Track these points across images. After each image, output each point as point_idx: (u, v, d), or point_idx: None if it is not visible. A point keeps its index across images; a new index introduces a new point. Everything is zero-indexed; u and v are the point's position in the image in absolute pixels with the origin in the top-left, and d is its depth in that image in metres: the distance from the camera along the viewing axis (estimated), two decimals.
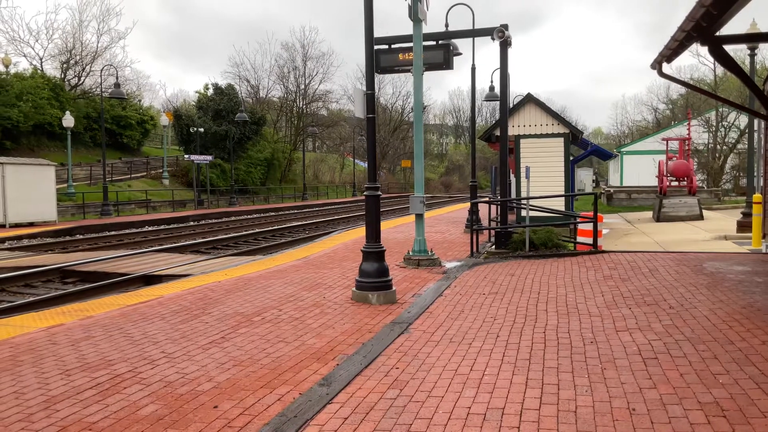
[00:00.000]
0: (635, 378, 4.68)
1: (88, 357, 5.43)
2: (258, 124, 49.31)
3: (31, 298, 9.86)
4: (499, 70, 13.09)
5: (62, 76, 45.80)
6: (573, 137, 16.84)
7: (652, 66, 10.66)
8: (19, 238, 19.68)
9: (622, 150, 50.75)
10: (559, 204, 15.74)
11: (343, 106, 74.42)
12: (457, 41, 12.29)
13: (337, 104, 72.65)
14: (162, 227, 25.00)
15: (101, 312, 7.30)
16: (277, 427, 3.92)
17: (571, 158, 18.07)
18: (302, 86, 62.19)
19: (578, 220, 13.69)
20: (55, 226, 23.05)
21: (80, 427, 3.93)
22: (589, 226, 12.39)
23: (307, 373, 4.98)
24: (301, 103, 62.50)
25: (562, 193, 15.74)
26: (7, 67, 42.68)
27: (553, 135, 16.17)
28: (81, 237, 20.87)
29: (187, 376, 4.90)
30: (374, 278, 7.81)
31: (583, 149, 21.61)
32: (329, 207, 41.00)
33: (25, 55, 50.37)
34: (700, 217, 22.66)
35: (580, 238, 13.09)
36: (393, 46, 11.70)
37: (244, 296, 8.17)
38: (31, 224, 23.04)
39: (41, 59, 46.17)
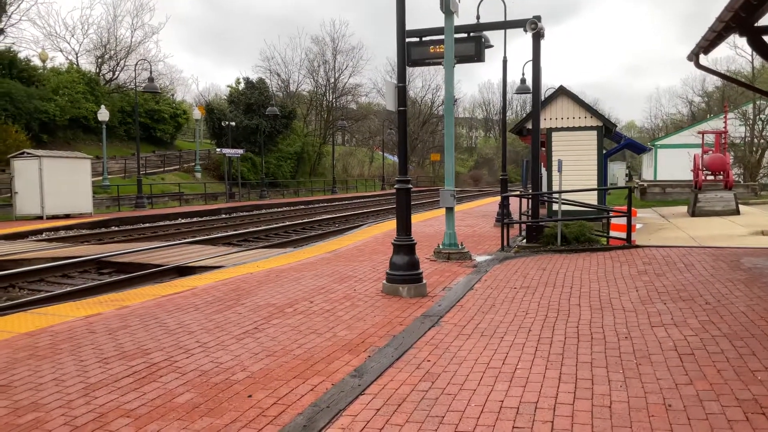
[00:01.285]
0: (671, 374, 4.61)
1: (125, 346, 5.54)
2: (288, 117, 49.63)
3: (69, 288, 10.09)
4: (531, 62, 12.96)
5: (97, 70, 46.69)
6: (606, 130, 16.60)
7: (689, 57, 10.44)
8: (56, 229, 20.13)
9: (656, 143, 49.88)
10: (591, 198, 15.55)
11: (372, 99, 74.54)
12: (488, 33, 12.20)
13: (366, 98, 72.84)
14: (195, 219, 25.34)
15: (137, 302, 7.44)
16: (311, 416, 3.96)
17: (604, 152, 17.82)
18: (332, 80, 62.51)
19: (611, 214, 13.51)
20: (91, 218, 23.52)
21: (118, 414, 4.01)
22: (623, 221, 12.22)
23: (339, 365, 5.01)
24: (330, 97, 62.78)
25: (595, 186, 15.54)
26: (44, 62, 43.65)
27: (585, 128, 15.96)
28: (116, 229, 21.27)
29: (221, 366, 4.97)
30: (405, 271, 7.82)
31: (616, 142, 21.29)
32: (358, 200, 41.11)
33: (61, 50, 51.49)
34: (737, 212, 22.17)
35: (613, 233, 12.92)
36: (424, 38, 11.65)
37: (276, 288, 8.25)
38: (67, 216, 23.54)
39: (77, 54, 47.14)
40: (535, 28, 11.81)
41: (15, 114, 33.75)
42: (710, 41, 9.76)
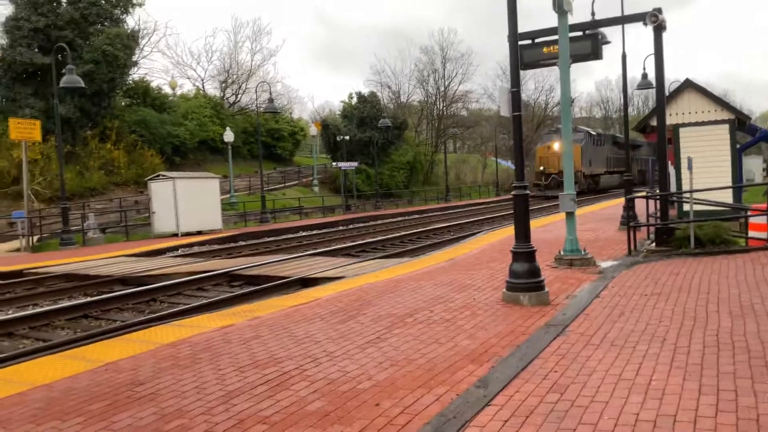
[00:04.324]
0: None
1: (258, 355, 5.82)
2: (400, 128, 50.30)
3: (204, 300, 10.74)
4: (652, 56, 12.34)
5: (221, 94, 49.73)
6: (739, 123, 15.47)
7: None
8: (190, 245, 21.52)
9: None
10: (726, 196, 14.49)
11: (483, 105, 73.81)
12: (604, 29, 11.75)
13: (477, 104, 72.25)
14: (314, 232, 26.21)
15: (267, 313, 7.80)
16: (438, 426, 3.97)
17: (738, 146, 16.59)
18: (442, 88, 62.64)
19: (749, 213, 12.54)
20: (221, 233, 24.92)
21: (255, 420, 4.22)
22: (762, 220, 11.30)
23: (462, 374, 4.99)
24: (441, 105, 62.90)
25: (729, 184, 14.48)
26: (173, 89, 47.09)
27: (716, 122, 14.93)
28: (243, 243, 22.42)
29: (347, 375, 5.10)
30: (525, 279, 7.66)
31: (750, 135, 19.79)
32: (473, 208, 40.77)
33: (188, 78, 55.24)
34: None
35: (751, 233, 11.97)
36: (536, 40, 11.42)
37: (395, 297, 8.35)
38: (199, 232, 25.06)
39: (202, 80, 50.50)
40: (656, 21, 11.24)
41: (150, 139, 36.62)
42: None
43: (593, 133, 44.89)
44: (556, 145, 42.91)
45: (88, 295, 12.34)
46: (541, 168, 45.27)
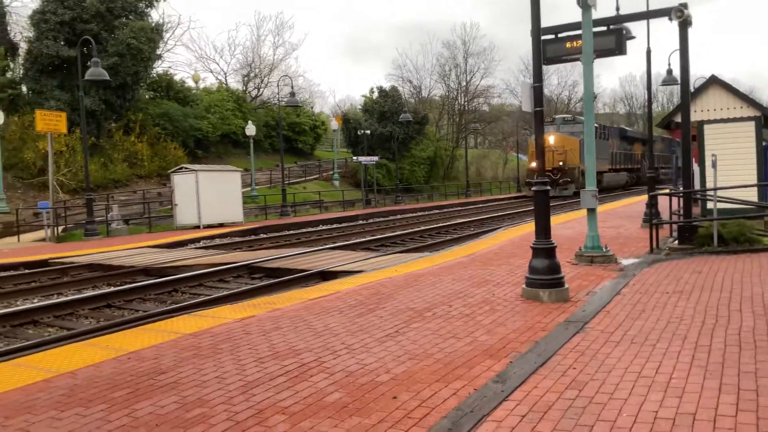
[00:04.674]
0: None
1: (278, 346, 5.88)
2: (421, 123, 50.21)
3: (225, 292, 10.85)
4: (677, 52, 12.18)
5: (244, 88, 50.00)
6: (765, 120, 15.21)
7: None
8: (212, 237, 21.72)
9: None
10: (751, 195, 14.28)
11: (505, 100, 73.38)
12: (629, 24, 11.62)
13: (499, 99, 71.82)
14: (334, 226, 26.29)
15: (287, 305, 7.87)
16: (455, 420, 3.99)
17: (764, 143, 16.32)
18: (463, 83, 62.36)
19: None
20: (242, 226, 25.08)
21: (275, 410, 4.27)
22: None
23: (480, 369, 5.00)
24: (462, 100, 62.63)
25: (754, 182, 14.26)
26: (196, 82, 47.44)
27: (741, 119, 14.69)
28: (264, 236, 22.55)
29: (366, 367, 5.14)
30: (545, 275, 7.63)
31: None
32: (493, 203, 40.59)
33: (211, 71, 55.64)
34: None
35: None
36: (560, 35, 11.31)
37: (414, 292, 8.37)
38: (221, 225, 25.25)
39: (225, 74, 50.83)
40: (681, 16, 11.09)
41: (173, 132, 36.95)
42: None
43: (596, 125, 42.59)
44: (552, 139, 39.56)
45: (112, 285, 12.53)
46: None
